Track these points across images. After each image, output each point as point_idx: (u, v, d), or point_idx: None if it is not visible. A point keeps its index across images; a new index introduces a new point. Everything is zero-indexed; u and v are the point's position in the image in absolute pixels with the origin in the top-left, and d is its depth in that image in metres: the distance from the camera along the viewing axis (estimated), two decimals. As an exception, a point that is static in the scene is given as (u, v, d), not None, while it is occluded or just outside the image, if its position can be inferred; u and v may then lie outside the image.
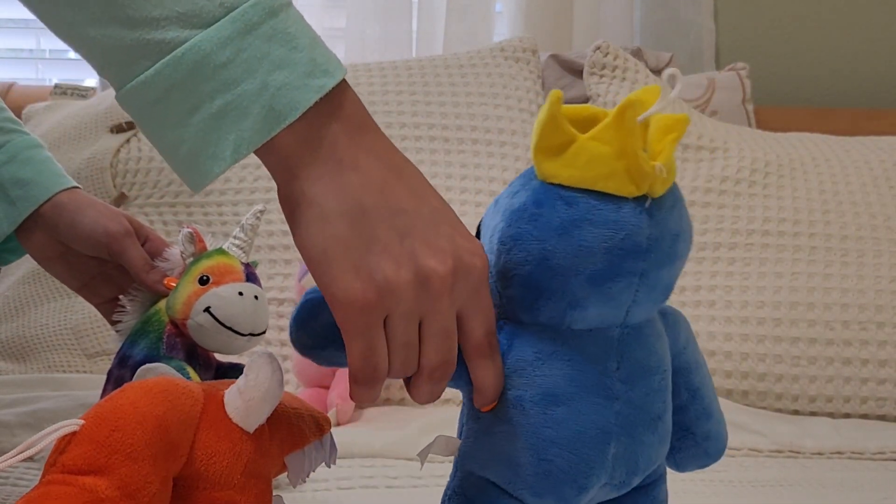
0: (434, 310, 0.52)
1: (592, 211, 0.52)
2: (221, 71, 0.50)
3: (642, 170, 0.52)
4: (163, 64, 0.50)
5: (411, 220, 0.52)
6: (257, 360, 0.54)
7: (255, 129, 0.50)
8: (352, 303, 0.50)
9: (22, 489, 0.79)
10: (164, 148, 0.53)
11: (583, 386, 0.54)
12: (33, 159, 0.85)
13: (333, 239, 0.51)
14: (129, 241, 0.81)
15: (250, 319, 0.73)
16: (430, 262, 0.51)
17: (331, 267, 0.51)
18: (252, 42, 0.50)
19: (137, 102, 0.51)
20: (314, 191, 0.51)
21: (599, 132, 0.52)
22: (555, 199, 0.53)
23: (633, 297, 0.54)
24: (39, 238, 0.84)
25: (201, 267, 0.75)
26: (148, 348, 0.75)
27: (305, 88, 0.51)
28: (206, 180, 0.52)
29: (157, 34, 0.50)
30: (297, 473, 0.59)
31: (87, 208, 0.83)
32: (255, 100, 0.50)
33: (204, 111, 0.50)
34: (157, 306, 0.78)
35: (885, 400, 1.14)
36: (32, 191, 0.83)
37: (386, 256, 0.51)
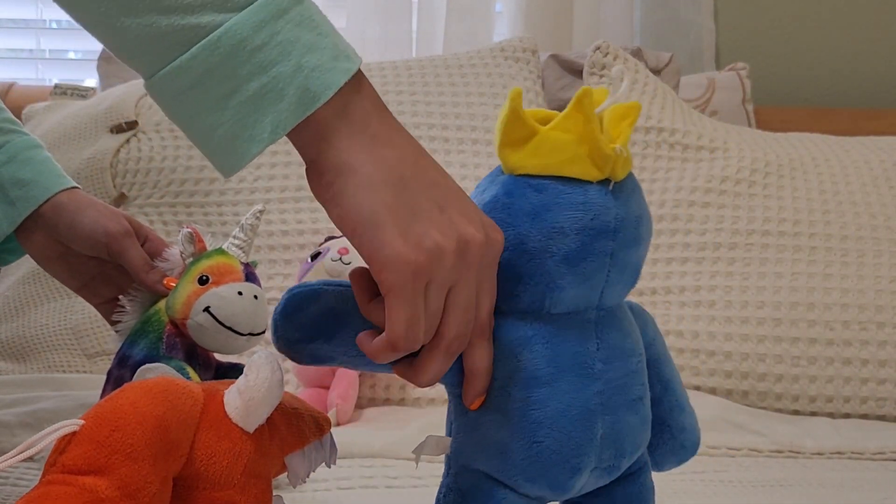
0: (465, 279, 0.53)
1: (561, 195, 0.55)
2: (257, 53, 0.51)
3: (603, 152, 0.55)
4: (199, 48, 0.50)
5: (444, 192, 0.54)
6: (257, 361, 0.54)
7: (290, 109, 0.51)
8: (406, 265, 0.51)
9: (22, 489, 0.79)
10: (198, 133, 0.53)
11: (564, 367, 0.56)
12: (33, 160, 0.85)
13: (382, 204, 0.51)
14: (128, 241, 0.82)
15: (250, 319, 0.73)
16: (468, 230, 0.53)
17: (381, 231, 0.51)
18: (284, 26, 0.52)
19: (171, 88, 0.52)
20: (356, 160, 0.52)
21: (559, 122, 0.55)
22: (524, 188, 0.56)
23: (605, 277, 0.56)
24: (39, 238, 0.84)
25: (201, 267, 0.75)
26: (148, 348, 0.75)
27: (335, 70, 0.53)
28: (243, 162, 0.53)
29: (191, 19, 0.50)
30: (297, 474, 0.59)
31: (86, 208, 0.83)
32: (291, 81, 0.51)
33: (241, 94, 0.51)
34: (157, 306, 0.78)
35: (885, 400, 1.14)
36: (32, 191, 0.83)
37: (431, 224, 0.52)
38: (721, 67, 1.73)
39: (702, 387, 1.17)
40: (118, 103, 1.35)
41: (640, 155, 1.33)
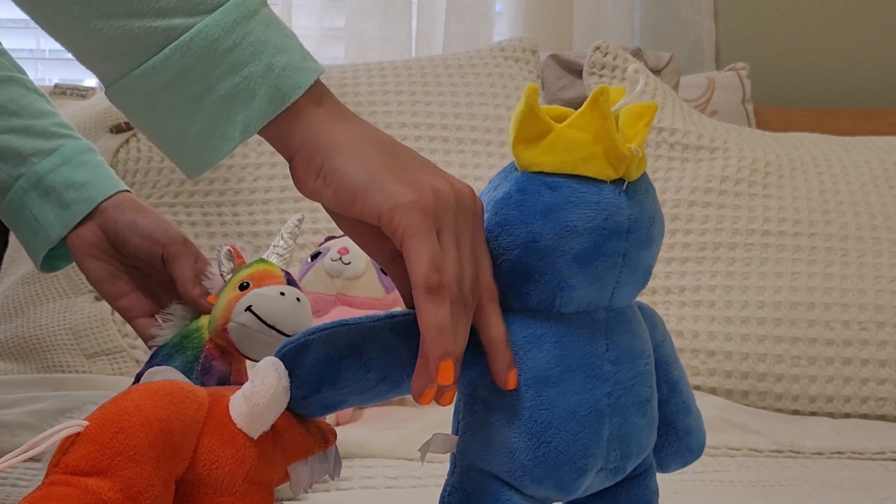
0: (466, 230, 0.53)
1: (575, 194, 0.54)
2: (229, 54, 0.52)
3: (619, 152, 0.54)
4: (171, 49, 0.51)
5: (422, 159, 0.56)
6: (263, 367, 0.54)
7: (262, 108, 0.53)
8: (414, 205, 0.51)
9: (22, 489, 0.79)
10: (169, 134, 0.54)
11: (573, 367, 0.56)
12: (88, 162, 0.83)
13: (374, 163, 0.52)
14: (185, 248, 0.80)
15: (293, 319, 0.70)
16: (454, 181, 0.54)
17: (382, 183, 0.51)
18: (255, 27, 0.53)
19: (143, 90, 0.53)
20: (339, 138, 0.54)
21: (575, 120, 0.55)
22: (538, 185, 0.55)
23: (617, 277, 0.56)
24: (90, 234, 0.81)
25: (241, 276, 0.73)
26: (183, 367, 0.72)
27: (305, 70, 0.54)
28: (213, 161, 0.54)
29: (163, 22, 0.51)
30: (299, 483, 0.59)
31: (147, 210, 0.82)
32: (262, 81, 0.52)
33: (214, 94, 0.52)
34: (199, 322, 0.75)
35: (885, 400, 1.14)
36: (89, 192, 0.82)
37: (423, 172, 0.53)
38: (721, 67, 1.73)
39: (702, 387, 1.17)
40: (118, 103, 1.35)
41: (640, 155, 1.33)
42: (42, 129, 0.84)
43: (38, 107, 0.86)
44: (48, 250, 0.84)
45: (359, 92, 1.35)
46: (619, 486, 0.60)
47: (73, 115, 1.38)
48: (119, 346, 1.18)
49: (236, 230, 1.25)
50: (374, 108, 1.34)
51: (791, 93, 1.77)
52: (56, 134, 0.85)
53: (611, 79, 1.39)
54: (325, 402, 0.56)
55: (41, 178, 0.82)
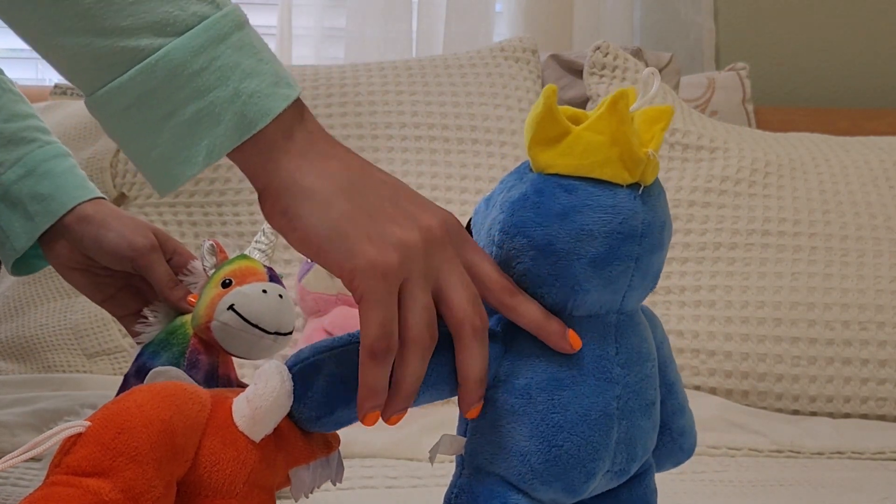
0: (447, 261, 0.53)
1: (591, 197, 0.54)
2: (195, 78, 0.51)
3: (636, 156, 0.54)
4: (136, 70, 0.51)
5: (393, 188, 0.55)
6: (267, 370, 0.54)
7: (227, 134, 0.52)
8: (375, 268, 0.50)
9: (22, 489, 0.79)
10: (134, 152, 0.54)
11: (585, 370, 0.56)
12: (52, 171, 0.83)
13: (339, 216, 0.52)
14: (154, 256, 0.80)
15: (276, 317, 0.70)
16: (424, 218, 0.53)
17: (345, 241, 0.51)
18: (224, 51, 0.52)
19: (108, 108, 0.52)
20: (306, 180, 0.53)
21: (593, 123, 0.55)
22: (554, 188, 0.55)
23: (629, 281, 0.56)
24: (63, 250, 0.82)
25: (223, 272, 0.74)
26: (169, 363, 0.73)
27: (275, 97, 0.53)
28: (177, 184, 0.53)
29: (129, 42, 0.51)
30: (300, 488, 0.59)
31: (112, 221, 0.81)
32: (228, 107, 0.52)
33: (178, 117, 0.52)
34: (183, 319, 0.76)
35: (885, 400, 1.14)
36: (50, 205, 0.82)
37: (390, 222, 0.52)
38: (721, 67, 1.73)
39: (702, 387, 1.17)
40: (118, 103, 1.35)
41: (640, 155, 1.33)
42: (11, 135, 0.84)
43: (11, 109, 0.85)
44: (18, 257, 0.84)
45: (359, 92, 1.35)
46: (621, 486, 0.61)
47: (72, 115, 1.38)
48: (120, 345, 1.18)
49: (236, 230, 1.25)
50: (374, 108, 1.34)
51: (791, 93, 1.77)
52: (25, 139, 0.84)
53: (611, 79, 1.39)
54: (340, 420, 0.56)
55: (7, 188, 0.82)
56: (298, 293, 1.15)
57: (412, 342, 0.52)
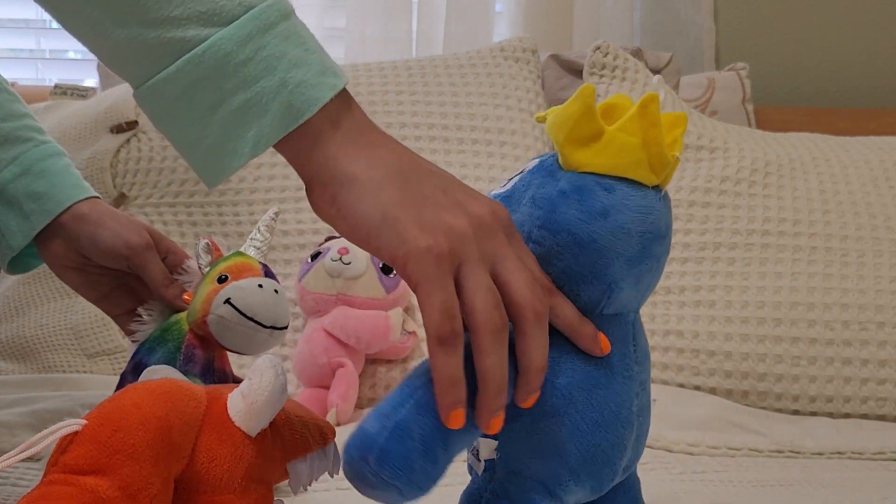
0: (501, 246, 0.52)
1: (627, 197, 0.55)
2: (242, 68, 0.51)
3: (665, 158, 0.56)
4: (184, 61, 0.51)
5: (442, 178, 0.54)
6: (261, 365, 0.54)
7: (273, 124, 0.52)
8: (427, 252, 0.50)
9: (22, 489, 0.79)
10: (184, 143, 0.53)
11: (614, 369, 0.57)
12: (47, 171, 0.84)
13: (389, 202, 0.51)
14: (149, 254, 0.81)
15: (271, 311, 0.71)
16: (474, 206, 0.53)
17: (395, 227, 0.50)
18: (270, 41, 0.52)
19: (158, 99, 0.52)
20: (354, 168, 0.52)
21: (625, 124, 0.56)
22: (593, 186, 0.55)
23: (651, 280, 0.58)
24: (58, 248, 0.83)
25: (219, 268, 0.74)
26: (165, 358, 0.74)
27: (321, 86, 0.53)
28: (225, 175, 0.53)
29: (177, 33, 0.51)
30: (298, 481, 0.59)
31: (107, 220, 0.82)
32: (275, 97, 0.52)
33: (226, 108, 0.51)
34: (178, 315, 0.77)
35: (885, 400, 1.14)
36: (46, 204, 0.82)
37: (439, 208, 0.52)
38: (721, 67, 1.73)
39: (702, 387, 1.17)
40: (118, 103, 1.35)
41: (640, 155, 1.33)
42: (7, 134, 0.84)
43: (7, 108, 0.86)
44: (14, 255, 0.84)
45: (359, 92, 1.35)
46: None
47: (73, 115, 1.38)
48: (120, 345, 1.18)
49: (237, 230, 1.25)
50: (374, 108, 1.34)
51: (791, 93, 1.77)
52: (20, 139, 0.85)
53: (611, 79, 1.39)
54: (439, 476, 0.52)
55: (2, 187, 0.83)
56: (298, 293, 1.15)
57: (484, 327, 0.50)
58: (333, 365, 1.09)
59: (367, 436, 0.49)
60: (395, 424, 0.49)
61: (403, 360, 1.17)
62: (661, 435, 1.01)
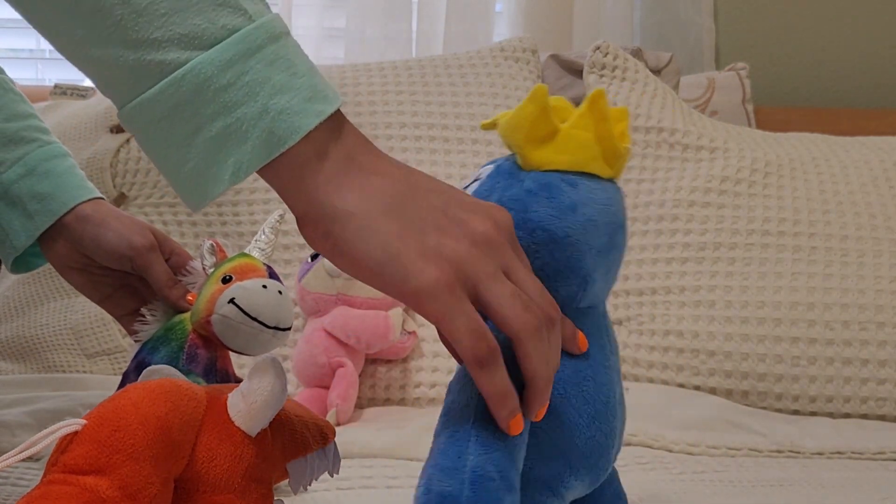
0: (507, 260, 0.52)
1: (592, 190, 0.57)
2: (222, 94, 0.50)
3: (618, 151, 0.58)
4: (165, 84, 0.50)
5: (441, 196, 0.53)
6: (261, 365, 0.54)
7: (254, 152, 0.50)
8: (436, 285, 0.49)
9: (22, 489, 0.79)
10: (167, 166, 0.52)
11: (596, 360, 0.58)
12: (52, 171, 0.84)
13: (389, 237, 0.50)
14: (153, 255, 0.81)
15: (275, 311, 0.71)
16: (475, 222, 0.52)
17: (399, 264, 0.49)
18: (254, 66, 0.50)
19: (140, 121, 0.51)
20: (346, 202, 0.51)
21: (577, 121, 0.57)
22: (558, 182, 0.57)
23: (618, 270, 0.59)
24: (62, 249, 0.83)
25: (224, 269, 0.74)
26: (168, 357, 0.74)
27: (306, 113, 0.51)
28: (206, 201, 0.51)
29: (157, 55, 0.50)
30: (298, 480, 0.59)
31: (111, 221, 0.82)
32: (256, 123, 0.50)
33: (205, 133, 0.50)
34: (181, 316, 0.77)
35: (885, 400, 1.14)
36: (50, 205, 0.82)
37: (441, 232, 0.50)
38: (721, 67, 1.73)
39: (702, 387, 1.17)
40: (118, 103, 1.35)
41: (640, 155, 1.33)
42: (12, 134, 0.84)
43: (12, 108, 0.86)
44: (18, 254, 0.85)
45: (359, 92, 1.35)
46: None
47: (73, 115, 1.38)
48: (120, 345, 1.18)
49: (236, 230, 1.25)
50: (374, 108, 1.34)
51: (791, 93, 1.77)
52: (25, 139, 0.85)
53: (611, 79, 1.39)
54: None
55: (7, 188, 0.83)
56: (298, 293, 1.15)
57: (522, 332, 0.50)
58: (333, 365, 1.09)
59: (449, 496, 0.48)
60: (471, 474, 0.48)
61: (403, 360, 1.17)
62: (661, 435, 1.01)
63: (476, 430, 0.50)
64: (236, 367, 0.80)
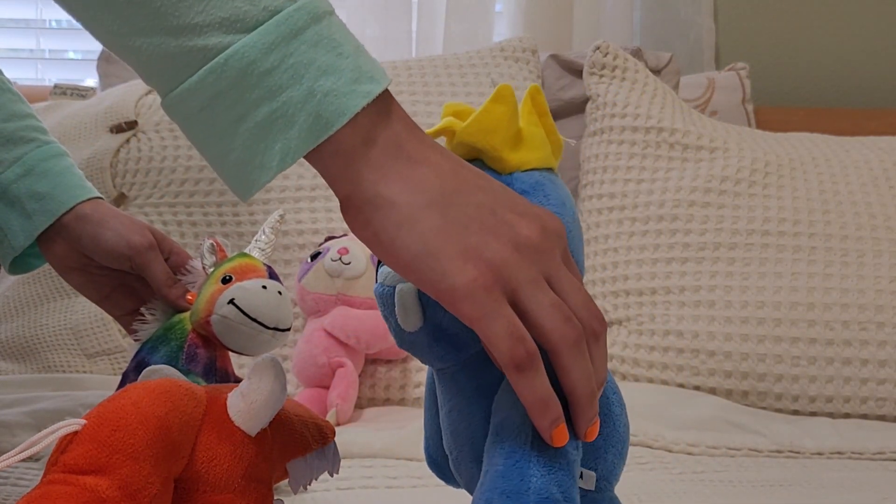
0: (552, 267, 0.50)
1: (561, 184, 0.58)
2: (266, 78, 0.48)
3: (561, 144, 0.59)
4: (206, 71, 0.48)
5: (490, 195, 0.51)
6: (261, 364, 0.54)
7: (301, 136, 0.48)
8: (473, 285, 0.47)
9: (22, 489, 0.79)
10: (212, 156, 0.51)
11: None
12: (50, 171, 0.84)
13: (430, 232, 0.48)
14: (152, 254, 0.81)
15: (275, 312, 0.71)
16: (522, 226, 0.50)
17: (438, 260, 0.48)
18: (298, 47, 0.49)
19: (183, 111, 0.50)
20: (391, 191, 0.49)
21: (528, 118, 0.58)
22: (541, 180, 0.57)
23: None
24: (60, 249, 0.83)
25: (224, 269, 0.74)
26: (167, 357, 0.74)
27: (353, 94, 0.49)
28: (253, 190, 0.50)
29: (199, 41, 0.48)
30: (298, 480, 0.59)
31: (110, 220, 0.82)
32: (302, 107, 0.48)
33: (250, 120, 0.49)
34: (181, 315, 0.77)
35: (885, 400, 1.14)
36: (49, 204, 0.82)
37: (485, 233, 0.49)
38: (721, 67, 1.73)
39: (702, 387, 1.17)
40: (118, 103, 1.35)
41: (641, 155, 1.33)
42: (10, 134, 0.84)
43: (10, 108, 0.86)
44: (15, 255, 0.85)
45: (359, 92, 1.35)
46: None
47: (73, 115, 1.38)
48: (119, 345, 1.18)
49: (236, 230, 1.25)
50: (374, 108, 1.34)
51: (791, 93, 1.77)
52: (23, 139, 0.85)
53: (611, 79, 1.39)
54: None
55: (6, 188, 0.83)
56: (298, 293, 1.15)
57: (560, 344, 0.48)
58: (333, 365, 1.09)
59: None
60: (536, 497, 0.47)
61: (403, 360, 1.17)
62: (661, 435, 1.01)
63: (536, 450, 0.49)
64: (236, 367, 0.80)
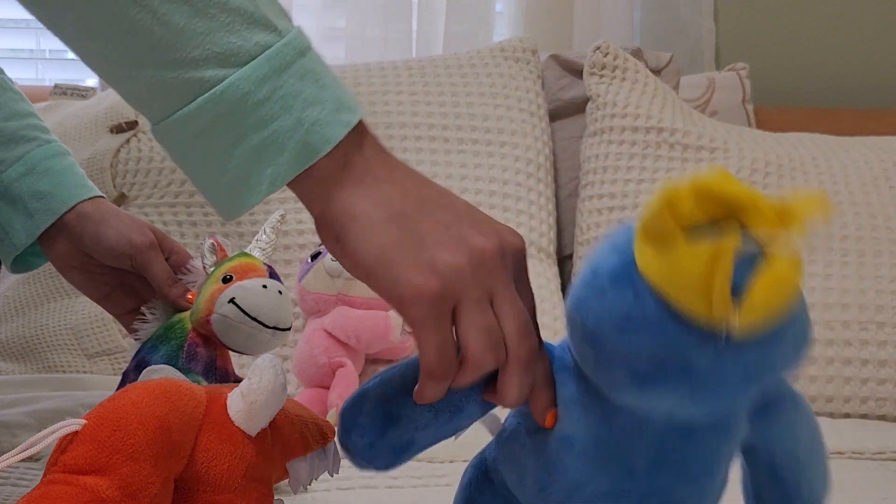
0: (499, 286, 0.52)
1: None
2: (259, 108, 0.52)
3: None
4: (204, 100, 0.52)
5: (450, 213, 0.54)
6: (261, 364, 0.54)
7: (290, 162, 0.53)
8: (421, 295, 0.50)
9: (22, 489, 0.79)
10: (203, 179, 0.54)
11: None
12: (52, 170, 0.84)
13: (386, 243, 0.52)
14: (152, 253, 0.81)
15: (275, 312, 0.72)
16: (478, 241, 0.52)
17: (391, 269, 0.51)
18: (287, 80, 0.53)
19: (178, 135, 0.53)
20: (356, 208, 0.53)
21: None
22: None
23: None
24: (62, 247, 0.83)
25: (224, 268, 0.75)
26: (167, 356, 0.74)
27: (336, 124, 0.54)
28: (242, 210, 0.54)
29: (195, 73, 0.52)
30: (298, 480, 0.59)
31: (111, 219, 0.82)
32: (291, 135, 0.52)
33: (244, 145, 0.52)
34: (181, 315, 0.77)
35: (885, 400, 1.14)
36: (50, 203, 0.82)
37: (439, 247, 0.52)
38: (721, 67, 1.73)
39: (702, 387, 1.17)
40: (118, 103, 1.35)
41: (641, 155, 1.33)
42: (12, 133, 0.84)
43: (11, 107, 0.86)
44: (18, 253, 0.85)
45: (359, 92, 1.35)
46: None
47: (73, 115, 1.38)
48: (120, 345, 1.18)
49: (236, 230, 1.25)
50: (374, 108, 1.34)
51: (791, 93, 1.77)
52: (25, 138, 0.85)
53: (611, 79, 1.39)
54: (393, 444, 0.55)
55: (7, 186, 0.83)
56: (298, 293, 1.15)
57: (471, 366, 0.52)
58: (333, 365, 1.09)
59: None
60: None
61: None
62: (661, 435, 1.01)
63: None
64: (236, 367, 0.80)
